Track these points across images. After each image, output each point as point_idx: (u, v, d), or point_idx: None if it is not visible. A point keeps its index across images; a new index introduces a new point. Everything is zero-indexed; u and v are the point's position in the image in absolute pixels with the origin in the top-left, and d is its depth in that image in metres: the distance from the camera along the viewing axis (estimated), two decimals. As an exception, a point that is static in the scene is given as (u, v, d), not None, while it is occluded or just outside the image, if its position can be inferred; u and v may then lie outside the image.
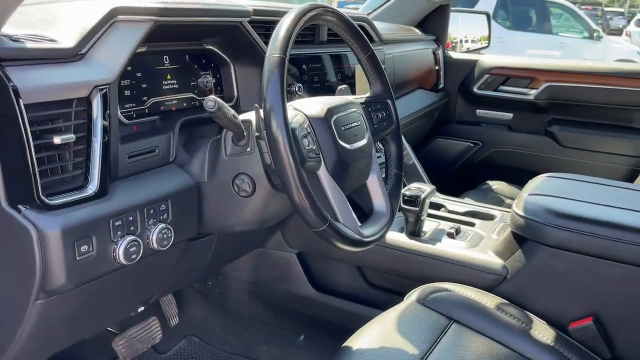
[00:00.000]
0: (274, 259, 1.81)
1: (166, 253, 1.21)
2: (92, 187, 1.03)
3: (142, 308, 1.44)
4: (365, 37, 1.31)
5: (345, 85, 1.37)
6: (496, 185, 2.49)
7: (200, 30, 1.36)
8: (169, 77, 1.36)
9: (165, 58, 1.35)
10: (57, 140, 0.96)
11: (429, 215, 1.79)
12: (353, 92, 1.77)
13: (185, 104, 1.39)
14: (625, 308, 1.29)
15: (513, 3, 9.44)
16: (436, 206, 1.90)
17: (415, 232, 1.64)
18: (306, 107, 1.13)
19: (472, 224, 1.75)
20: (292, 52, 1.64)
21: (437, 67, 2.72)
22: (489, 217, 1.83)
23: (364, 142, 1.20)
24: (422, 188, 1.64)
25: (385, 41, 2.12)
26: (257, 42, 1.43)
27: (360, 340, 1.18)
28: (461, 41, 4.10)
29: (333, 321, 1.77)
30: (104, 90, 1.04)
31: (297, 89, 1.56)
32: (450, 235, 1.63)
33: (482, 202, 2.10)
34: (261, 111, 1.01)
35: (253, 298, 1.91)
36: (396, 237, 1.63)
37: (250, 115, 1.14)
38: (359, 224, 1.16)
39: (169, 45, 1.34)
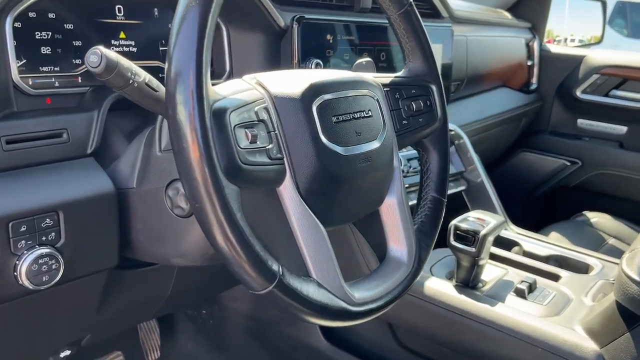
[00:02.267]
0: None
1: (71, 288, 0.81)
2: None
3: (67, 352, 1.06)
4: None
5: (367, 59, 0.91)
6: (596, 218, 1.90)
7: None
8: (122, 35, 0.97)
9: (119, 8, 0.96)
10: None
11: (494, 257, 1.28)
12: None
13: (146, 76, 0.98)
14: None
15: (632, 9, 8.52)
16: (507, 244, 1.39)
17: (469, 282, 1.15)
18: (274, 81, 0.68)
19: (556, 277, 1.22)
20: (316, 16, 1.21)
21: (529, 62, 2.16)
22: (582, 268, 1.29)
23: (373, 144, 0.73)
24: (485, 219, 1.14)
25: (458, 19, 1.61)
26: (262, -3, 1.00)
27: None
28: (565, 40, 3.45)
29: (347, 387, 1.31)
30: None
31: (312, 65, 1.11)
32: (520, 293, 1.12)
33: (575, 242, 1.56)
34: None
35: (252, 338, 1.49)
36: (441, 287, 1.15)
37: None
38: (346, 281, 0.70)
39: (123, -11, 0.95)
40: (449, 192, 1.48)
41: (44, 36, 0.86)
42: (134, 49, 0.98)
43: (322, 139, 0.67)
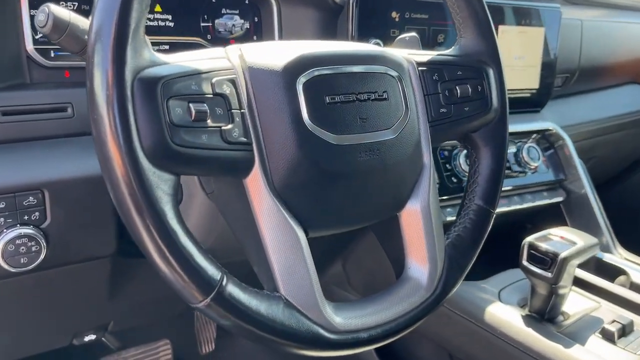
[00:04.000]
0: (333, 300, 1.25)
1: (71, 274, 0.77)
2: None
3: (91, 336, 1.03)
4: None
5: (412, 34, 0.75)
6: None
7: None
8: (158, 8, 0.91)
9: (155, -22, 0.90)
10: None
11: (586, 286, 1.05)
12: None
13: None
14: None
15: None
16: (610, 271, 1.14)
17: (544, 314, 0.94)
18: (259, 51, 0.56)
19: (665, 320, 0.96)
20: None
21: (671, 56, 1.80)
22: None
23: (385, 134, 0.59)
24: (571, 238, 0.93)
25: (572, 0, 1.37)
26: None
27: None
28: None
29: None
30: None
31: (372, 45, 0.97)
32: (608, 336, 0.89)
33: None
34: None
35: (307, 344, 1.38)
36: (509, 316, 0.96)
37: None
38: (328, 301, 0.57)
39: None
40: (542, 202, 1.26)
41: (70, 7, 0.82)
42: (171, 24, 0.92)
43: (306, 122, 0.53)
